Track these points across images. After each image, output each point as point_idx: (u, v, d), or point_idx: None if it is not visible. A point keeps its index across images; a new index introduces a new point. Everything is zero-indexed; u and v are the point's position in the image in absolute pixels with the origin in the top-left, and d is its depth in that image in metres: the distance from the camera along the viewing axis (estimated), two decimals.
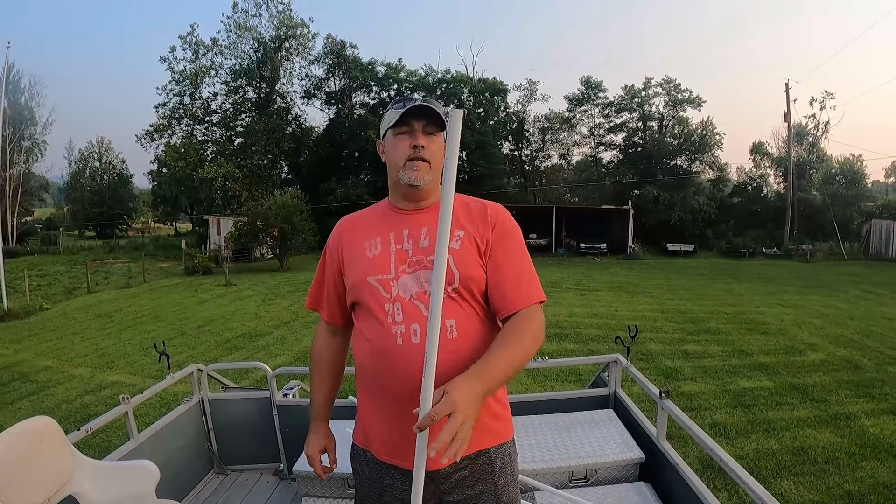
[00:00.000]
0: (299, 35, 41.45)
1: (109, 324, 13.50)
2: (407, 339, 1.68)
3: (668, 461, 2.93)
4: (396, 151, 1.80)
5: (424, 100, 1.77)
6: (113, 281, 23.16)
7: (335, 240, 1.95)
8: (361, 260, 1.82)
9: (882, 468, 5.34)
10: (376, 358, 1.73)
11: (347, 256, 1.87)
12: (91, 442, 5.99)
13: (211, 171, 35.30)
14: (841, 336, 10.74)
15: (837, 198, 37.16)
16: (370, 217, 1.95)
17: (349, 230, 1.93)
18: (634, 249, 33.64)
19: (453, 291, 1.72)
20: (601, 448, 3.23)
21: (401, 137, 1.79)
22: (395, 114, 1.77)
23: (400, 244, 1.80)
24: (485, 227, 1.84)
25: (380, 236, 1.84)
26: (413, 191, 1.82)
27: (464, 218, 1.84)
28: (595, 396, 3.95)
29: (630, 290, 17.82)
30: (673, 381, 8.06)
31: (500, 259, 1.82)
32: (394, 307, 1.72)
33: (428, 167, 1.79)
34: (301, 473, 3.33)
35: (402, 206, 1.88)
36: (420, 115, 1.76)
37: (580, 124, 46.29)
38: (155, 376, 8.39)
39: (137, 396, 3.42)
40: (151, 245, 42.00)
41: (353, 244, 1.87)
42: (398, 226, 1.84)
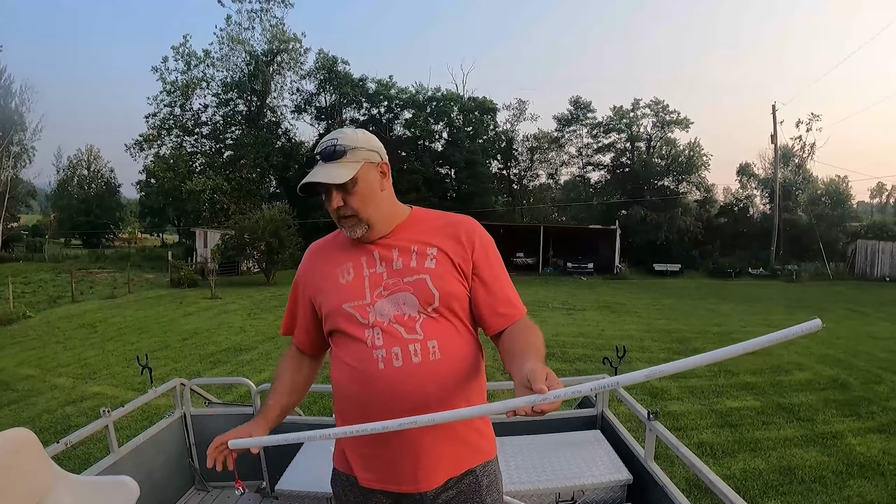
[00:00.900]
0: (291, 49, 41.70)
1: (93, 334, 13.35)
2: (388, 363, 1.65)
3: (656, 483, 2.90)
4: (329, 209, 1.75)
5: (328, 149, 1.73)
6: (98, 291, 22.94)
7: (306, 268, 1.91)
8: (335, 287, 1.77)
9: (869, 486, 5.32)
10: (357, 383, 1.68)
11: (320, 284, 1.82)
12: (72, 454, 5.92)
13: (199, 183, 35.29)
14: (827, 355, 10.76)
15: (823, 218, 37.53)
16: (338, 243, 1.87)
17: (319, 258, 1.89)
18: (621, 269, 33.71)
19: (433, 311, 1.70)
20: (588, 469, 3.19)
21: (324, 198, 1.75)
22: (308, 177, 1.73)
23: (373, 268, 1.76)
24: (459, 246, 1.80)
25: (351, 262, 1.79)
26: (360, 241, 1.79)
27: (432, 234, 1.81)
28: (582, 417, 3.92)
29: (617, 310, 17.80)
30: (659, 400, 8.04)
31: (488, 278, 1.81)
32: (373, 332, 1.68)
33: (357, 219, 1.73)
34: (283, 492, 3.27)
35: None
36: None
37: (569, 144, 46.94)
38: (137, 388, 8.31)
39: (118, 410, 3.36)
40: (138, 256, 41.58)
41: (325, 272, 1.82)
42: (368, 250, 1.79)
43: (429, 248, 1.77)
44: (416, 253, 1.76)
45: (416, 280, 1.71)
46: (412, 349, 1.66)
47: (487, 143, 45.12)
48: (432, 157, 42.11)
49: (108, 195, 59.72)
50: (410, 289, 1.70)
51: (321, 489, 3.11)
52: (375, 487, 1.74)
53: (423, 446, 1.65)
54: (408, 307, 1.69)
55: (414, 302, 1.70)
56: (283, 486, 3.28)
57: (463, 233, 1.83)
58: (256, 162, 38.15)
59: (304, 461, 3.47)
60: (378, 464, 1.71)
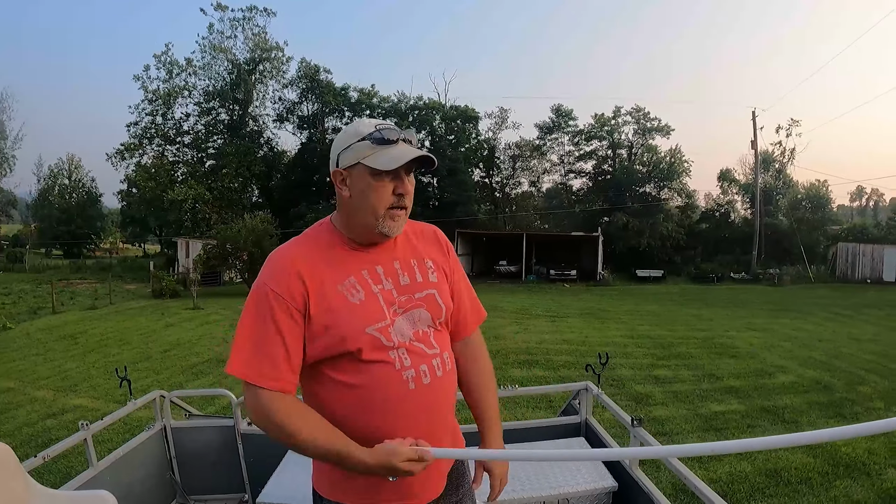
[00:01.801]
0: (274, 58, 41.70)
1: (74, 345, 13.18)
2: (418, 381, 1.63)
3: (641, 490, 2.87)
4: (376, 197, 1.61)
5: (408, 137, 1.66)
6: (79, 302, 22.67)
7: (294, 282, 1.59)
8: (347, 308, 1.59)
9: (856, 486, 5.34)
10: (379, 410, 1.59)
11: (319, 306, 1.58)
12: (53, 468, 5.84)
13: (181, 192, 35.11)
14: (810, 358, 10.83)
15: (804, 222, 37.97)
16: (324, 252, 1.68)
17: (308, 270, 1.61)
18: (604, 276, 33.83)
19: (440, 325, 1.74)
20: (573, 477, 3.15)
21: (381, 181, 1.61)
22: (382, 156, 1.59)
23: (379, 284, 1.66)
24: (442, 254, 1.84)
25: (353, 276, 1.64)
26: (385, 238, 1.69)
27: (423, 246, 1.82)
28: (566, 425, 3.88)
29: (600, 317, 17.83)
30: (644, 406, 8.02)
31: (458, 284, 1.87)
32: (398, 353, 1.62)
33: (405, 214, 1.68)
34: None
35: (363, 243, 1.70)
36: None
37: (550, 152, 47.15)
38: (119, 401, 8.19)
39: (97, 423, 3.28)
40: (119, 266, 41.17)
41: (324, 290, 1.60)
42: (368, 261, 1.68)
43: (426, 260, 1.78)
44: (416, 267, 1.75)
45: (427, 296, 1.71)
46: (435, 364, 1.67)
47: (469, 152, 45.21)
48: None
49: (89, 205, 58.80)
50: (423, 304, 1.70)
51: (304, 502, 3.06)
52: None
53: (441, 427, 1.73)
54: (421, 323, 1.68)
55: (427, 318, 1.69)
56: (267, 498, 3.21)
57: (441, 239, 1.88)
58: (238, 171, 38.02)
59: (285, 474, 3.40)
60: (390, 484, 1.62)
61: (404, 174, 1.63)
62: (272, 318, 1.56)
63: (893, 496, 5.15)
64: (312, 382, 1.66)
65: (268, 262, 1.66)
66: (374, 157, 1.59)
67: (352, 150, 1.62)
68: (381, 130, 1.61)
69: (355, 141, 1.62)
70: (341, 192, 1.68)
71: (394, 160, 1.58)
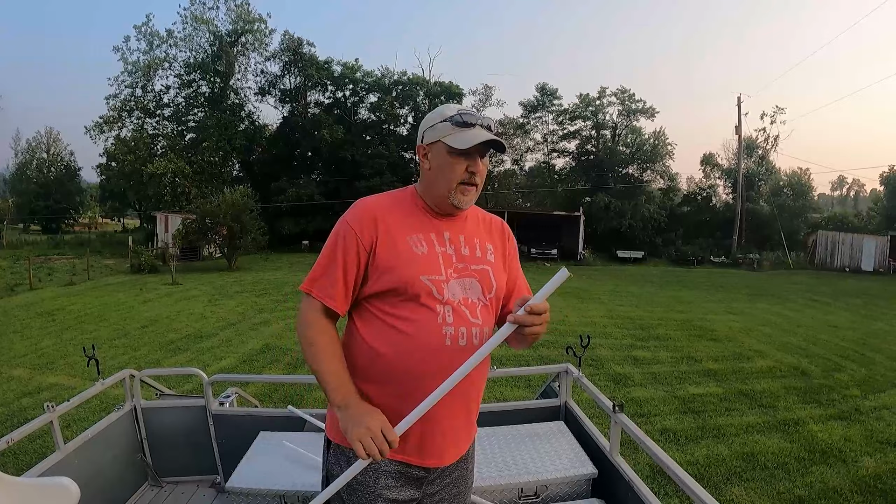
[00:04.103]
0: (256, 30, 41.05)
1: (51, 322, 13.01)
2: (455, 340, 1.73)
3: (621, 476, 2.81)
4: (450, 172, 1.80)
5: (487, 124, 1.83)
6: (56, 278, 22.36)
7: (368, 225, 1.79)
8: (409, 255, 1.77)
9: (831, 473, 5.40)
10: (417, 354, 1.72)
11: (387, 248, 1.77)
12: (28, 448, 5.77)
13: (160, 166, 34.60)
14: (788, 343, 10.95)
15: (785, 209, 38.30)
16: (403, 210, 1.87)
17: (383, 218, 1.81)
18: (585, 256, 33.97)
19: (489, 300, 1.85)
20: (552, 463, 3.10)
21: (456, 159, 1.79)
22: (459, 137, 1.78)
23: (442, 247, 1.83)
24: (503, 242, 2.01)
25: (421, 234, 1.82)
26: (456, 210, 1.85)
27: (486, 232, 1.98)
28: (545, 408, 3.83)
29: (580, 296, 17.90)
30: (622, 387, 8.05)
31: (515, 270, 2.04)
32: (444, 309, 1.74)
33: (476, 191, 1.85)
34: (235, 490, 3.08)
35: (439, 212, 1.88)
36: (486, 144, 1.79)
37: (534, 130, 46.87)
38: (96, 379, 8.14)
39: (64, 404, 3.17)
40: (98, 241, 40.62)
41: (393, 236, 1.79)
42: (437, 227, 1.86)
43: (488, 243, 1.94)
44: (478, 245, 1.90)
45: (482, 269, 1.86)
46: (475, 332, 1.77)
47: None
48: (397, 142, 41.62)
49: (67, 179, 57.74)
50: (476, 276, 1.84)
51: (275, 485, 3.00)
52: (400, 459, 1.80)
53: (454, 423, 1.82)
54: (472, 292, 1.81)
55: (478, 289, 1.82)
56: (237, 481, 3.12)
57: (506, 231, 2.06)
58: (219, 145, 37.48)
59: (258, 455, 3.33)
60: (413, 436, 1.76)
61: (478, 155, 1.80)
62: (342, 249, 1.77)
63: (869, 484, 5.20)
64: (361, 321, 1.82)
65: (354, 205, 1.86)
66: (453, 137, 1.78)
67: (435, 129, 1.82)
68: (462, 115, 1.80)
69: (439, 121, 1.82)
70: (423, 164, 1.87)
71: (468, 141, 1.76)
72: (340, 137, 37.45)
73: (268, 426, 3.71)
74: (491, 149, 1.85)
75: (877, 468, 5.53)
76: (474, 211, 1.98)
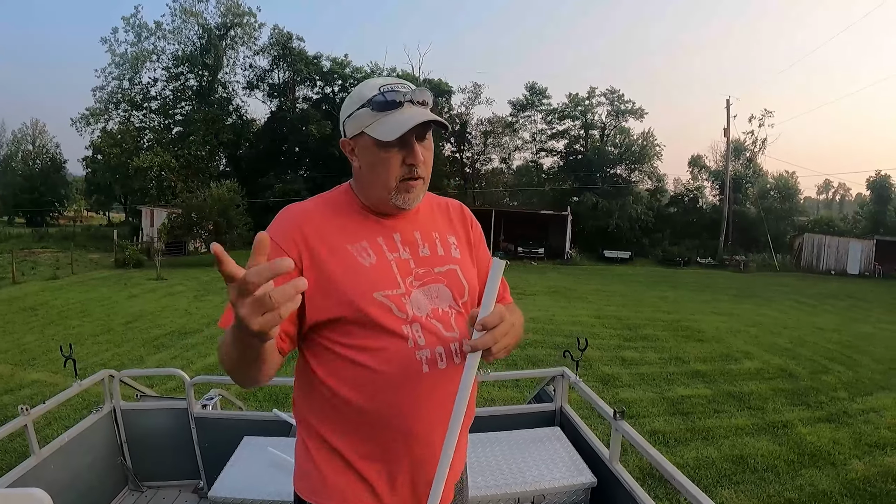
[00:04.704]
0: (245, 24, 40.86)
1: (33, 317, 12.85)
2: (433, 364, 1.41)
3: (622, 486, 2.73)
4: (384, 169, 1.44)
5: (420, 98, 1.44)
6: (40, 272, 22.13)
7: (296, 239, 1.42)
8: (356, 269, 1.41)
9: (821, 476, 5.39)
10: (392, 393, 1.39)
11: (325, 265, 1.41)
12: (8, 447, 5.67)
13: (146, 159, 34.30)
14: (775, 345, 10.97)
15: (771, 211, 38.55)
16: (339, 214, 1.51)
17: (315, 229, 1.45)
18: (572, 255, 34.00)
19: (462, 305, 1.53)
20: (549, 471, 3.00)
21: (390, 151, 1.42)
22: (385, 124, 1.40)
23: (395, 252, 1.48)
24: (465, 228, 1.69)
25: (366, 240, 1.47)
26: (402, 211, 1.51)
27: (445, 222, 1.66)
28: (540, 412, 3.73)
29: (567, 296, 17.91)
30: (611, 387, 8.03)
31: (486, 258, 1.70)
32: (412, 329, 1.41)
33: (423, 184, 1.50)
34: (218, 499, 2.92)
35: (382, 212, 1.53)
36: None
37: (523, 129, 46.94)
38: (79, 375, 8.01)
39: (39, 407, 3.03)
40: (82, 235, 40.18)
41: (332, 248, 1.43)
42: (385, 229, 1.51)
43: (449, 235, 1.61)
44: (438, 240, 1.58)
45: (448, 271, 1.53)
46: (454, 349, 1.45)
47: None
48: None
49: (53, 172, 57.32)
50: (444, 280, 1.51)
51: (260, 494, 2.88)
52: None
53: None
54: (441, 301, 1.48)
55: (448, 295, 1.50)
56: (220, 490, 2.97)
57: (467, 215, 1.72)
58: (206, 139, 37.30)
59: (242, 461, 3.19)
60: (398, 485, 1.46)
61: (414, 141, 1.42)
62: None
63: (859, 487, 5.19)
64: (315, 358, 1.45)
65: (277, 216, 1.50)
66: (377, 126, 1.40)
67: (355, 118, 1.45)
68: (385, 93, 1.40)
69: (357, 108, 1.44)
70: (352, 162, 1.52)
71: (395, 129, 1.37)
72: (328, 133, 37.26)
73: (252, 430, 3.59)
74: (427, 128, 1.46)
75: (866, 471, 5.52)
76: (426, 198, 1.61)
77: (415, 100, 1.42)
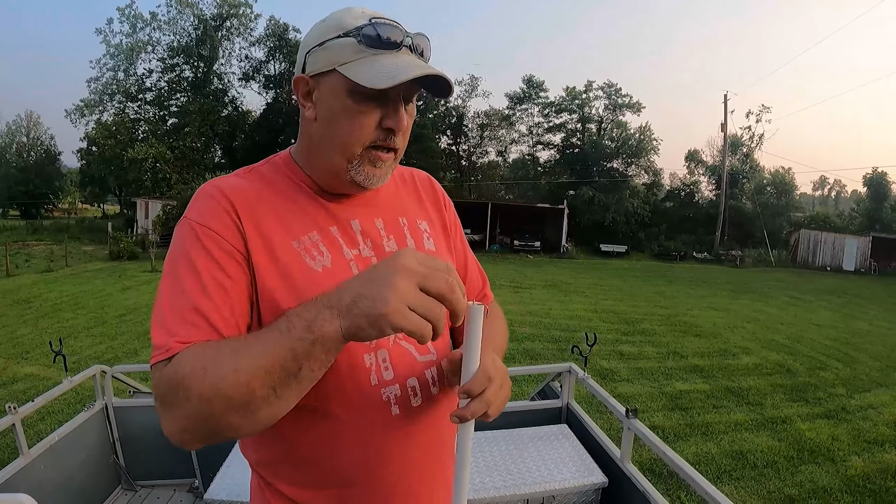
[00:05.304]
0: (241, 14, 40.77)
1: (27, 310, 12.76)
2: (405, 404, 1.08)
3: (634, 487, 2.66)
4: (351, 126, 1.03)
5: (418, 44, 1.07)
6: (34, 264, 22.02)
7: (231, 224, 1.02)
8: (304, 276, 1.03)
9: (821, 472, 5.38)
10: (354, 450, 1.06)
11: (265, 268, 1.02)
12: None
13: (141, 151, 34.19)
14: (772, 341, 10.95)
15: (767, 207, 38.53)
16: (274, 195, 1.10)
17: (250, 214, 1.04)
18: (568, 249, 33.97)
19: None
20: (558, 471, 2.93)
21: (366, 105, 1.02)
22: (372, 65, 1.00)
23: (354, 248, 1.11)
24: (439, 209, 1.33)
25: (316, 231, 1.09)
26: (360, 190, 1.13)
27: (413, 201, 1.29)
28: (545, 409, 3.66)
29: (564, 289, 17.88)
30: (609, 381, 7.99)
31: (462, 249, 1.37)
32: (376, 357, 1.06)
33: (393, 160, 1.11)
34: (215, 501, 2.78)
35: (333, 191, 1.14)
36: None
37: (519, 122, 46.87)
38: (73, 368, 7.94)
39: (27, 405, 2.94)
40: (77, 227, 40.12)
41: (270, 244, 1.04)
42: (336, 215, 1.13)
43: (419, 220, 1.25)
44: (407, 228, 1.21)
45: None
46: (430, 376, 1.13)
47: (437, 118, 44.81)
48: None
49: (47, 163, 57.15)
50: None
51: None
52: None
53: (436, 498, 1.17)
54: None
55: None
56: (216, 492, 2.85)
57: (438, 191, 1.37)
58: (201, 130, 37.24)
59: (239, 461, 3.03)
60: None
61: (401, 100, 1.05)
62: (205, 259, 0.97)
63: (858, 484, 5.18)
64: None
65: (198, 194, 1.09)
66: (359, 66, 1.00)
67: (327, 49, 1.03)
68: (377, 26, 1.01)
69: (335, 36, 1.02)
70: (304, 110, 1.09)
71: (389, 74, 0.97)
72: None
73: None
74: (422, 89, 1.08)
75: (865, 468, 5.52)
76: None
77: (413, 46, 1.06)
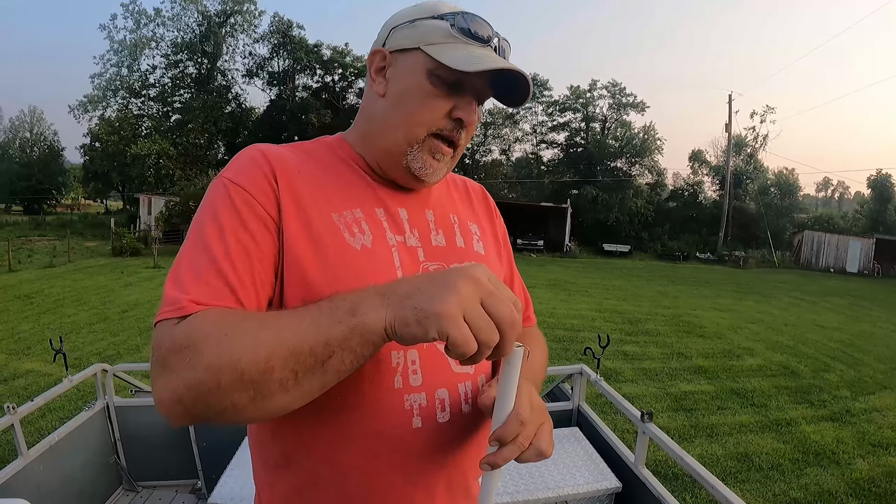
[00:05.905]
0: (245, 11, 40.70)
1: (29, 306, 12.73)
2: (429, 417, 0.96)
3: (650, 492, 2.62)
4: (421, 107, 1.00)
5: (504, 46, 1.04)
6: (37, 260, 22.02)
7: (267, 187, 0.95)
8: (340, 251, 0.95)
9: (826, 475, 5.36)
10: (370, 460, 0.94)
11: (296, 239, 0.94)
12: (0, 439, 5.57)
13: (144, 147, 34.20)
14: (777, 342, 10.94)
15: (771, 208, 38.48)
16: (323, 168, 1.05)
17: (289, 182, 0.97)
18: (571, 248, 33.94)
19: None
20: (571, 476, 2.89)
21: (440, 90, 0.99)
22: (455, 49, 0.97)
23: (400, 235, 1.03)
24: (490, 218, 1.27)
25: (360, 208, 1.01)
26: (414, 181, 1.06)
27: (465, 204, 1.23)
28: (555, 411, 3.60)
29: (567, 289, 17.86)
30: (613, 382, 7.98)
31: (510, 264, 1.28)
32: (405, 358, 0.95)
33: (452, 158, 1.06)
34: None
35: (387, 175, 1.08)
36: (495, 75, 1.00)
37: (523, 121, 46.66)
38: (74, 365, 7.89)
39: (26, 405, 2.88)
40: (80, 223, 40.09)
41: (307, 215, 0.96)
42: (385, 198, 1.06)
43: (470, 222, 1.18)
44: (458, 226, 1.14)
45: None
46: (463, 390, 1.01)
47: None
48: None
49: (51, 159, 57.04)
50: None
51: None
52: None
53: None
54: None
55: None
56: (220, 496, 2.76)
57: (491, 203, 1.30)
58: (205, 127, 37.17)
59: (243, 464, 2.99)
60: None
61: (474, 96, 1.02)
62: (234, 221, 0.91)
63: (863, 486, 5.18)
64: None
65: (238, 156, 1.00)
66: (447, 49, 0.97)
67: (417, 27, 1.00)
68: (467, 18, 0.99)
69: (427, 17, 1.01)
70: (373, 85, 1.05)
71: (475, 61, 0.95)
72: (328, 122, 37.08)
73: None
74: (494, 92, 1.06)
75: (870, 471, 5.51)
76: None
77: (499, 48, 1.03)
